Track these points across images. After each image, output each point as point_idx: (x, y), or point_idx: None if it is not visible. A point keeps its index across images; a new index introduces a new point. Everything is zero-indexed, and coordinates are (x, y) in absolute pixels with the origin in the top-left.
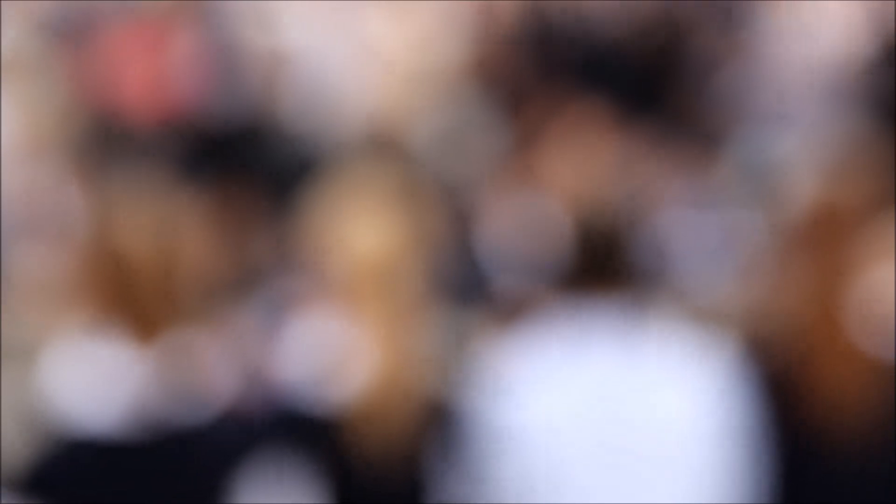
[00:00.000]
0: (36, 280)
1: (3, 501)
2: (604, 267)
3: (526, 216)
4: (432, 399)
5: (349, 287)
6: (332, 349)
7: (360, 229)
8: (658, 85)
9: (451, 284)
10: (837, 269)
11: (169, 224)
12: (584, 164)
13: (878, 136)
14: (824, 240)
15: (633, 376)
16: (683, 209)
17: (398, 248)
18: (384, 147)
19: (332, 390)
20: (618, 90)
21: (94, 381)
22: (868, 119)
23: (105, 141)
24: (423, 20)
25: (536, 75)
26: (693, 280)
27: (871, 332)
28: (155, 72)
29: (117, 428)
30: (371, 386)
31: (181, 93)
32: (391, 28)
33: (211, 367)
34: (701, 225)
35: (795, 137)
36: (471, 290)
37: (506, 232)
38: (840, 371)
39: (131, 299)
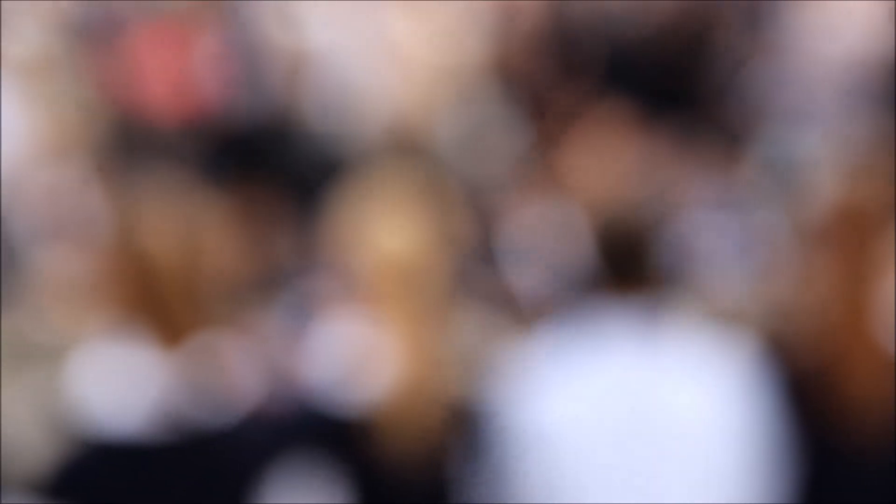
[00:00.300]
0: (61, 282)
1: None
2: (627, 267)
3: (549, 216)
4: (457, 400)
5: (374, 288)
6: (357, 350)
7: (385, 229)
8: (682, 85)
9: (475, 285)
10: (861, 269)
11: (193, 225)
12: (607, 165)
13: None
14: (848, 239)
15: (656, 378)
16: (707, 209)
17: (423, 248)
18: (407, 147)
19: (358, 392)
20: (641, 90)
21: (119, 384)
22: (891, 119)
23: (129, 142)
24: (446, 19)
25: (559, 75)
26: (716, 280)
27: (894, 332)
28: (179, 72)
29: (143, 430)
30: (396, 387)
31: (205, 93)
32: (414, 27)
33: (236, 370)
34: (724, 225)
35: (819, 137)
36: (494, 290)
37: (529, 232)
38: (864, 372)
39: (156, 301)
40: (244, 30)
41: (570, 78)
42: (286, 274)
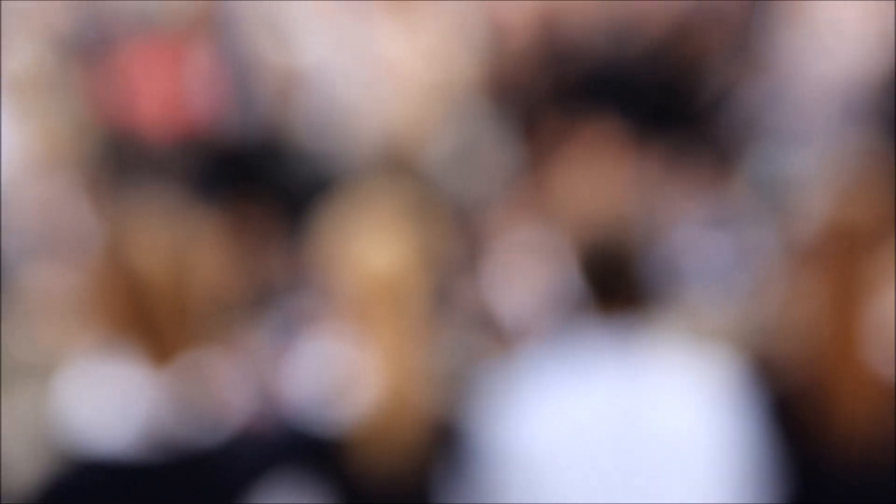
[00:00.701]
0: (51, 299)
1: None
2: (614, 287)
3: (537, 235)
4: (440, 419)
5: (359, 305)
6: (341, 368)
7: (372, 248)
8: (673, 103)
9: (460, 303)
10: (851, 288)
11: (184, 243)
12: (596, 183)
13: (892, 155)
14: (838, 258)
15: (641, 398)
16: (697, 227)
17: (408, 266)
18: (397, 164)
19: (342, 409)
20: (632, 109)
21: (108, 402)
22: (883, 137)
23: (121, 158)
24: (437, 37)
25: (550, 93)
26: (704, 299)
27: (885, 353)
28: (171, 89)
29: (131, 448)
30: (380, 405)
31: (197, 110)
32: (405, 45)
33: (224, 387)
34: (714, 243)
35: (810, 155)
36: (480, 309)
37: (516, 251)
38: (853, 392)
39: (146, 319)
40: (236, 47)
41: (560, 96)
42: (274, 292)
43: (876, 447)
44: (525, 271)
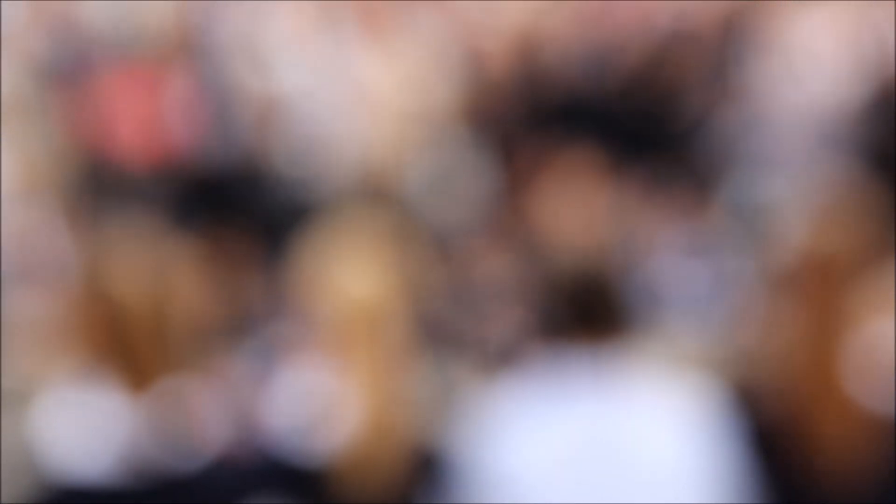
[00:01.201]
0: (29, 325)
1: None
2: (594, 313)
3: (517, 262)
4: (421, 446)
5: (339, 332)
6: (322, 395)
7: (351, 274)
8: (650, 131)
9: (441, 330)
10: (830, 316)
11: (162, 270)
12: (575, 210)
13: (869, 182)
14: (816, 286)
15: (621, 423)
16: (675, 255)
17: (388, 293)
18: (376, 191)
19: (322, 437)
20: (610, 136)
21: (86, 428)
22: (859, 165)
23: (99, 185)
24: (415, 64)
25: (527, 120)
26: (684, 326)
27: (866, 382)
28: (149, 115)
29: (109, 474)
30: (360, 432)
31: (175, 136)
32: (383, 72)
33: (202, 414)
34: (692, 271)
35: (786, 183)
36: (461, 335)
37: (497, 278)
38: (834, 421)
39: (124, 345)
40: (214, 73)
41: (538, 123)
42: (253, 318)
43: (856, 475)
44: (506, 297)
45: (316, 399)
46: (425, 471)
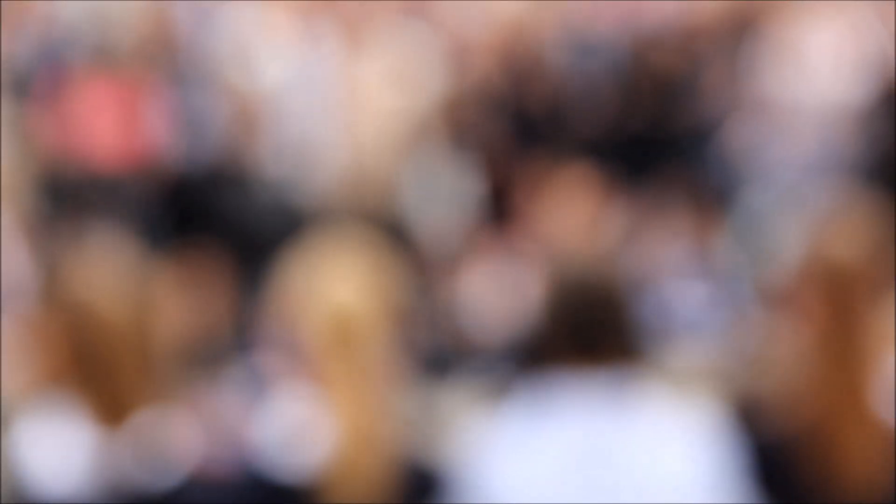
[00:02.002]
0: (5, 347)
1: None
2: (592, 331)
3: (506, 274)
4: (405, 461)
5: (320, 343)
6: (303, 412)
7: (334, 285)
8: (651, 149)
9: (425, 346)
10: (841, 332)
11: (138, 283)
12: (572, 227)
13: (875, 188)
14: (824, 299)
15: (620, 439)
16: (680, 271)
17: (371, 304)
18: (360, 196)
19: (304, 454)
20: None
21: (64, 452)
22: (865, 171)
23: (75, 192)
24: (400, 65)
25: (515, 126)
26: (689, 343)
27: (885, 396)
28: (126, 120)
29: (87, 498)
30: (342, 449)
31: (154, 142)
32: (369, 74)
33: (182, 433)
34: (697, 288)
35: (794, 197)
36: (446, 351)
37: (485, 290)
38: (850, 438)
39: (98, 363)
40: (194, 77)
41: (526, 130)
42: (233, 334)
43: (875, 490)
44: (496, 310)
45: (297, 414)
46: (409, 486)
